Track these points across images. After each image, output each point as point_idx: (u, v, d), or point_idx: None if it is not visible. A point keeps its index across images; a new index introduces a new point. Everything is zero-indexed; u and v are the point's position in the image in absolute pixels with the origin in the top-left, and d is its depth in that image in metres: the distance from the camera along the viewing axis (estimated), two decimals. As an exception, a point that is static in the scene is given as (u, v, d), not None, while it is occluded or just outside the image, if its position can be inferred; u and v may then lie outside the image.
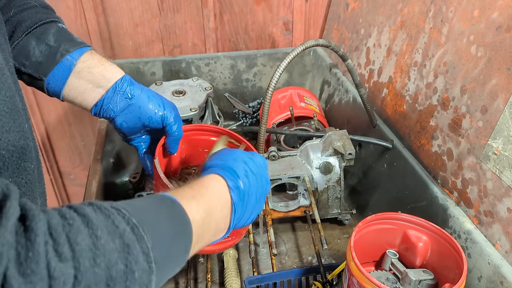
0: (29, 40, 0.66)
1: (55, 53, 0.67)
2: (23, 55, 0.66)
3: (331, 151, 0.95)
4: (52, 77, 0.68)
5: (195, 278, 0.91)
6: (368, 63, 1.13)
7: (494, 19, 0.73)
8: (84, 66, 0.69)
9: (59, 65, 0.67)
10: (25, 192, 0.49)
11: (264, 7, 1.41)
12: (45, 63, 0.67)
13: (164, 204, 0.46)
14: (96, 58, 0.70)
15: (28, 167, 0.49)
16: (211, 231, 0.53)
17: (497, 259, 0.67)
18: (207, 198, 0.52)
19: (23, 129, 0.47)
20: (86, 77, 0.69)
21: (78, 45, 0.69)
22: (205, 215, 0.50)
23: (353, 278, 0.63)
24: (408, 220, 0.71)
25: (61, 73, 0.68)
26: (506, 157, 0.68)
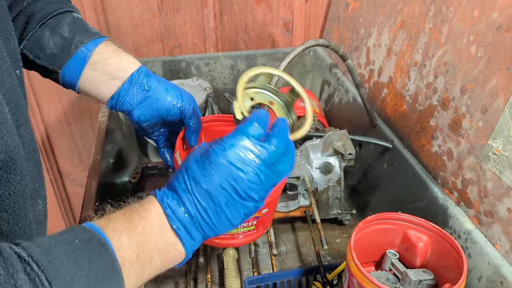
0: (43, 31, 0.64)
1: (69, 44, 0.65)
2: (37, 47, 0.64)
3: (331, 151, 0.95)
4: (67, 69, 0.66)
5: (195, 278, 0.91)
6: (368, 63, 1.13)
7: (494, 19, 0.73)
8: (100, 58, 0.67)
9: (74, 57, 0.65)
10: (9, 204, 0.47)
11: (264, 7, 1.41)
12: (59, 55, 0.65)
13: (89, 249, 0.39)
14: (111, 49, 0.69)
15: (13, 179, 0.47)
16: (156, 263, 0.47)
17: (497, 259, 0.67)
18: (140, 228, 0.44)
19: (6, 143, 0.45)
20: (102, 68, 0.67)
21: (93, 36, 0.67)
22: (138, 249, 0.44)
23: (353, 278, 0.63)
24: (408, 220, 0.71)
25: (76, 65, 0.66)
26: (506, 157, 0.68)
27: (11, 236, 0.47)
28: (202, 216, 0.47)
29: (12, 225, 0.47)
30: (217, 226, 0.48)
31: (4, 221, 0.46)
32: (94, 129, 1.46)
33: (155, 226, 0.46)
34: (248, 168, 0.47)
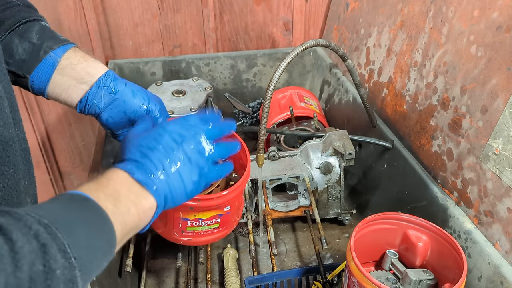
0: (12, 38, 0.66)
1: (38, 50, 0.67)
2: (6, 53, 0.66)
3: (331, 151, 0.95)
4: (36, 75, 0.67)
5: (195, 278, 0.91)
6: (368, 63, 1.13)
7: (494, 19, 0.73)
8: (68, 63, 0.69)
9: (43, 62, 0.67)
10: (3, 196, 0.49)
11: (264, 7, 1.41)
12: (28, 61, 0.67)
13: (74, 201, 0.45)
14: (79, 55, 0.70)
15: (6, 171, 0.49)
16: (133, 214, 0.51)
17: (497, 259, 0.67)
18: (111, 186, 0.50)
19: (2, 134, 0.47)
20: (70, 73, 0.69)
21: (61, 42, 0.69)
22: (114, 201, 0.49)
23: (353, 278, 0.63)
24: (408, 220, 0.71)
25: (45, 70, 0.68)
26: (506, 157, 0.68)
27: None
28: (158, 169, 0.55)
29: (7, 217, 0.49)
30: (172, 179, 0.56)
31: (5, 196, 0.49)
32: (94, 129, 1.47)
33: (123, 184, 0.51)
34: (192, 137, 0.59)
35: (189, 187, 0.58)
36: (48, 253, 0.36)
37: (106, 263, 0.46)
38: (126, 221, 0.50)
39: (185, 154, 0.57)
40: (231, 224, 0.81)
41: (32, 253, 0.35)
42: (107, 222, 0.46)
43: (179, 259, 0.83)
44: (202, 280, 0.90)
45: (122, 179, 0.52)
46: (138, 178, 0.53)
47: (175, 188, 0.56)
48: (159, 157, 0.55)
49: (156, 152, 0.56)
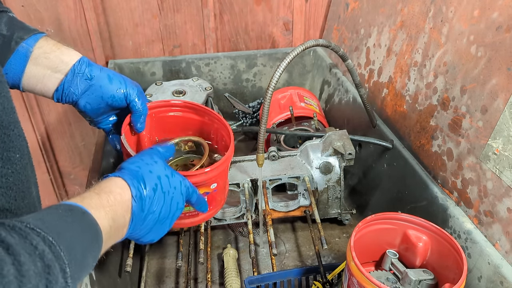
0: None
1: (9, 41, 0.64)
2: None
3: (331, 151, 0.95)
4: (9, 67, 0.65)
5: (195, 278, 0.91)
6: (368, 63, 1.13)
7: (494, 19, 0.73)
8: (41, 52, 0.67)
9: (15, 53, 0.65)
10: (13, 182, 0.50)
11: (264, 7, 1.41)
12: (0, 53, 0.64)
13: (75, 216, 0.46)
14: (51, 43, 0.69)
15: (13, 157, 0.50)
16: (115, 237, 0.55)
17: (497, 259, 0.67)
18: (113, 206, 0.53)
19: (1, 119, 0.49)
20: (44, 63, 0.67)
21: (32, 32, 0.67)
22: (112, 223, 0.52)
23: (353, 278, 0.63)
24: (408, 220, 0.71)
25: (18, 61, 0.66)
26: (506, 157, 0.68)
27: (19, 212, 0.51)
28: (151, 215, 0.60)
29: (19, 202, 0.51)
30: (147, 227, 0.60)
31: (11, 198, 0.50)
32: (94, 129, 1.47)
33: (124, 204, 0.55)
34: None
35: (154, 235, 0.64)
36: (52, 274, 0.37)
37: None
38: (109, 241, 0.53)
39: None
40: (218, 203, 0.81)
41: (37, 276, 0.36)
42: (100, 242, 0.48)
43: (179, 259, 0.83)
44: (202, 280, 0.90)
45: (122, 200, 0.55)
46: (134, 208, 0.56)
47: (143, 234, 0.62)
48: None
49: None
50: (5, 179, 0.49)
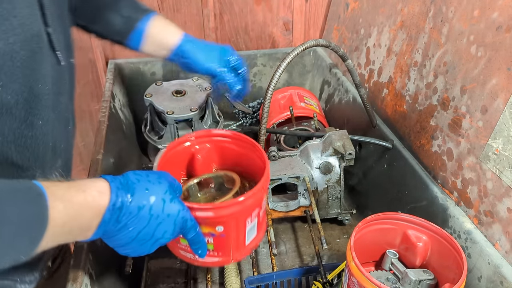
0: (110, 14, 0.85)
1: (128, 22, 0.86)
2: (110, 27, 0.86)
3: (331, 151, 0.95)
4: (128, 42, 0.88)
5: (195, 278, 0.91)
6: (368, 63, 1.13)
7: (494, 19, 0.73)
8: (151, 32, 0.87)
9: (133, 32, 0.86)
10: (31, 145, 0.56)
11: (264, 7, 1.41)
12: (124, 31, 0.86)
13: (27, 194, 0.46)
14: (160, 24, 0.89)
15: (35, 122, 0.55)
16: (75, 236, 0.53)
17: (497, 259, 0.67)
18: (78, 205, 0.51)
19: (31, 85, 0.54)
20: (154, 41, 0.89)
21: (144, 12, 0.87)
22: (68, 220, 0.50)
23: (353, 278, 0.63)
24: (408, 220, 0.71)
25: (136, 38, 0.87)
26: (506, 157, 0.68)
27: (29, 172, 0.56)
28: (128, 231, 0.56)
29: (31, 162, 0.57)
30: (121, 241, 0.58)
31: (25, 158, 0.56)
32: (94, 129, 1.47)
33: (95, 208, 0.53)
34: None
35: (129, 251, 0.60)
36: None
37: (21, 259, 0.47)
38: (61, 237, 0.51)
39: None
40: (228, 251, 0.68)
41: None
42: (40, 227, 0.46)
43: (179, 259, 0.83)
44: (202, 280, 0.90)
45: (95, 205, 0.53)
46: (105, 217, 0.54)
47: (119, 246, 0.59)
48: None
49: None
50: (24, 139, 0.55)
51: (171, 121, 1.09)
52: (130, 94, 1.33)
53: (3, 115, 0.52)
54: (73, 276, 0.67)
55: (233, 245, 0.68)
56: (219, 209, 0.63)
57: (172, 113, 1.08)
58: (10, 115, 0.53)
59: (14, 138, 0.54)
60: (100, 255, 0.77)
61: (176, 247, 0.70)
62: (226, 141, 0.77)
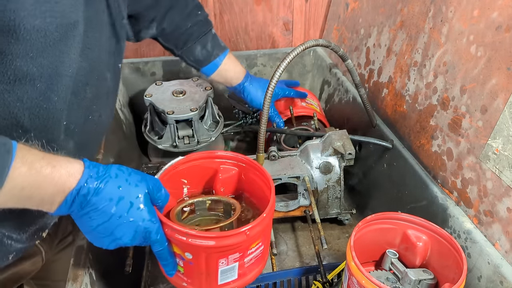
0: (196, 45, 1.03)
1: (209, 56, 1.04)
2: (190, 54, 1.03)
3: (331, 151, 0.95)
4: (204, 69, 1.06)
5: (195, 278, 0.91)
6: (368, 63, 1.13)
7: (494, 19, 0.73)
8: (223, 68, 1.06)
9: (210, 64, 1.05)
10: (43, 115, 0.59)
11: (264, 7, 1.41)
12: (203, 61, 1.05)
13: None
14: (231, 61, 1.08)
15: (51, 97, 0.59)
16: (33, 203, 0.55)
17: (497, 258, 0.67)
18: (43, 177, 0.53)
19: (56, 64, 0.57)
20: (223, 75, 1.08)
21: (222, 49, 1.06)
22: (27, 186, 0.52)
23: (353, 278, 0.63)
24: (408, 220, 0.71)
25: (210, 70, 1.06)
26: (506, 157, 0.68)
27: (35, 136, 0.60)
28: (91, 219, 0.58)
29: (40, 132, 0.60)
30: (86, 227, 0.59)
31: (35, 125, 0.59)
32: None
33: (60, 185, 0.54)
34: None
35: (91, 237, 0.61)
36: None
37: None
38: (19, 200, 0.53)
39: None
40: (198, 282, 0.65)
41: None
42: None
43: (179, 259, 0.83)
44: (202, 280, 0.90)
45: (61, 182, 0.55)
46: (68, 198, 0.56)
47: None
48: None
49: None
50: (38, 109, 0.58)
51: (171, 121, 1.09)
52: (130, 94, 1.33)
53: (26, 84, 0.56)
54: (73, 276, 0.68)
55: (204, 279, 0.65)
56: (188, 235, 0.60)
57: (172, 113, 1.07)
58: (32, 85, 0.56)
59: (30, 105, 0.58)
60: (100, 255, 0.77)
61: None
62: (251, 170, 0.75)
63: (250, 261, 0.66)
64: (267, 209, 0.64)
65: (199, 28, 1.02)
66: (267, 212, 0.64)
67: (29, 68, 0.55)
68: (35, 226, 0.73)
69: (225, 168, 0.76)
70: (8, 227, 0.68)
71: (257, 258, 0.68)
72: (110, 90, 0.74)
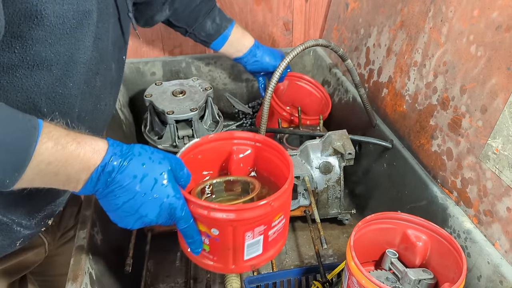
0: (206, 20, 1.09)
1: (219, 28, 1.11)
2: (201, 29, 1.09)
3: (331, 151, 0.95)
4: (215, 42, 1.12)
5: (195, 278, 0.91)
6: (368, 63, 1.13)
7: (493, 19, 0.73)
8: (233, 37, 1.13)
9: (220, 36, 1.12)
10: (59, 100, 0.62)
11: (264, 7, 1.41)
12: (214, 34, 1.11)
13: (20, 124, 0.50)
14: (239, 31, 1.14)
15: (68, 85, 0.62)
16: (59, 180, 0.55)
17: (497, 258, 0.67)
18: (68, 153, 0.53)
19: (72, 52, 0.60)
20: (233, 45, 1.14)
21: (229, 21, 1.12)
22: (54, 160, 0.52)
23: (353, 278, 0.63)
24: (408, 219, 0.71)
25: (220, 42, 1.13)
26: (506, 157, 0.68)
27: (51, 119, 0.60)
28: (116, 197, 0.58)
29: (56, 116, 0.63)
30: (110, 206, 0.60)
31: (51, 110, 0.62)
32: (94, 129, 1.46)
33: (81, 162, 0.55)
34: None
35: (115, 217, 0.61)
36: None
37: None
38: (45, 177, 0.53)
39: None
40: (225, 259, 0.66)
41: None
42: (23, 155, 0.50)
43: (179, 259, 0.83)
44: (202, 280, 0.90)
45: (87, 158, 0.55)
46: (93, 175, 0.56)
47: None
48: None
49: None
50: (54, 94, 0.61)
51: (171, 121, 1.09)
52: (130, 94, 1.33)
53: (43, 70, 0.58)
54: (73, 276, 0.68)
55: (230, 255, 0.65)
56: (213, 210, 0.60)
57: (172, 113, 1.07)
58: (49, 70, 0.59)
59: (46, 91, 0.60)
60: (100, 255, 0.77)
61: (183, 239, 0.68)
62: (266, 150, 0.75)
63: (274, 234, 0.67)
64: (288, 182, 0.65)
65: (206, 3, 1.08)
66: (288, 184, 0.65)
67: (47, 54, 0.57)
68: (43, 213, 0.75)
69: (239, 149, 0.76)
70: (20, 213, 0.70)
71: (279, 232, 0.69)
72: (114, 80, 0.76)
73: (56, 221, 0.87)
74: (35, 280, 0.96)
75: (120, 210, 0.59)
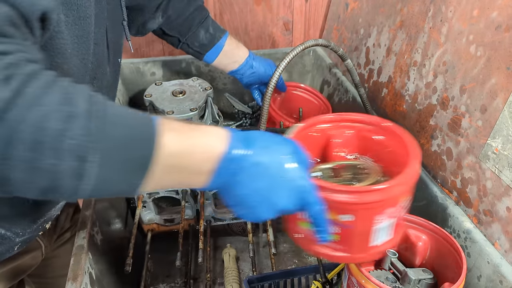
0: (200, 30, 1.05)
1: (213, 38, 1.06)
2: (194, 39, 1.05)
3: (330, 151, 0.95)
4: (208, 53, 1.07)
5: (195, 277, 0.91)
6: (368, 63, 1.13)
7: (493, 19, 0.73)
8: (227, 48, 1.08)
9: (214, 47, 1.07)
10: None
11: (264, 7, 1.41)
12: (208, 44, 1.06)
13: (141, 118, 0.49)
14: (233, 42, 1.10)
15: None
16: (184, 175, 0.50)
17: (497, 258, 0.67)
18: (191, 139, 0.49)
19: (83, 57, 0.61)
20: (228, 55, 1.09)
21: (223, 32, 1.08)
22: (181, 151, 0.48)
23: (353, 278, 0.63)
24: (408, 219, 0.71)
25: (215, 52, 1.08)
26: (506, 156, 0.68)
27: None
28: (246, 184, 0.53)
29: None
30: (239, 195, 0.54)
31: None
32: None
33: (205, 152, 0.50)
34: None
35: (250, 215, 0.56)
36: (72, 117, 0.41)
37: (122, 188, 0.46)
38: (176, 165, 0.48)
39: None
40: (353, 247, 0.61)
41: (54, 110, 0.41)
42: (147, 148, 0.46)
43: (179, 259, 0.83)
44: (202, 280, 0.90)
45: (212, 146, 0.51)
46: (220, 165, 0.51)
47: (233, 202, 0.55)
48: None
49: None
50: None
51: (171, 121, 1.09)
52: (130, 94, 1.33)
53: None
54: (73, 276, 0.68)
55: (359, 242, 0.61)
56: (355, 194, 0.55)
57: (172, 113, 1.08)
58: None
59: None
60: (100, 255, 0.78)
61: (295, 227, 0.63)
62: (367, 129, 0.70)
63: (401, 217, 0.63)
64: (414, 164, 0.60)
65: (200, 12, 1.04)
66: (418, 164, 0.61)
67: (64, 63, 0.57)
68: (43, 218, 0.75)
69: (339, 132, 0.71)
70: (23, 225, 0.71)
71: (401, 219, 0.64)
72: (109, 84, 0.77)
73: (53, 224, 0.87)
74: (32, 282, 0.96)
75: (249, 200, 0.54)
